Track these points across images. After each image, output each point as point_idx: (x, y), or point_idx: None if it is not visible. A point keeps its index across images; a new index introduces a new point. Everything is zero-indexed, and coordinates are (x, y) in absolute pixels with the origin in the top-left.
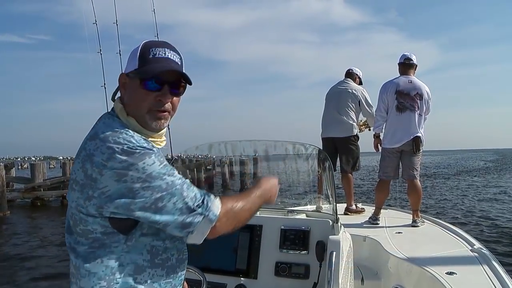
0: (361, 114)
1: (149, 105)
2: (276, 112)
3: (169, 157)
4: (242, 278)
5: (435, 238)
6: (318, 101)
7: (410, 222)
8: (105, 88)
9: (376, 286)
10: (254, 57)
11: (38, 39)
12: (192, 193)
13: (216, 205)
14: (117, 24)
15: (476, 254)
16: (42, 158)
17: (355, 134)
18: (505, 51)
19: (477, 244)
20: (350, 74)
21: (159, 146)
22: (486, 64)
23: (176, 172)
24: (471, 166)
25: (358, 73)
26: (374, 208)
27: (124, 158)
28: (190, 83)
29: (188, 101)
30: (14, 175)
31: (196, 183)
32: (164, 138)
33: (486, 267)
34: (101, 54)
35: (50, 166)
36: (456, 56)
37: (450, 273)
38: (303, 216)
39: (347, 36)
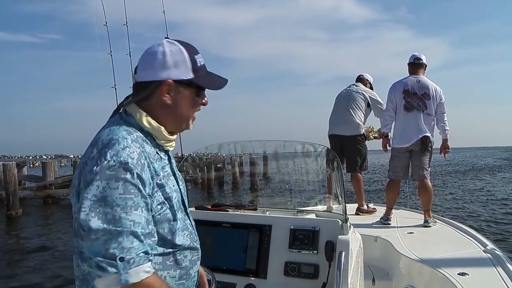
0: (368, 119)
1: (197, 109)
2: (284, 110)
3: (179, 155)
4: (251, 278)
5: (447, 239)
6: (328, 98)
7: (421, 222)
8: (115, 89)
9: (388, 286)
10: (263, 55)
11: (49, 38)
12: (130, 244)
13: (138, 273)
14: (127, 26)
15: (489, 255)
16: (53, 157)
17: (362, 133)
18: None
19: (490, 245)
20: (360, 79)
21: (171, 148)
22: (498, 61)
23: (135, 213)
24: (482, 164)
25: (368, 79)
26: (385, 208)
27: (95, 170)
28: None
29: None
30: (26, 174)
31: (206, 181)
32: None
33: (499, 268)
34: (111, 56)
35: (61, 164)
36: (467, 53)
37: (462, 274)
38: (312, 216)
39: (357, 34)
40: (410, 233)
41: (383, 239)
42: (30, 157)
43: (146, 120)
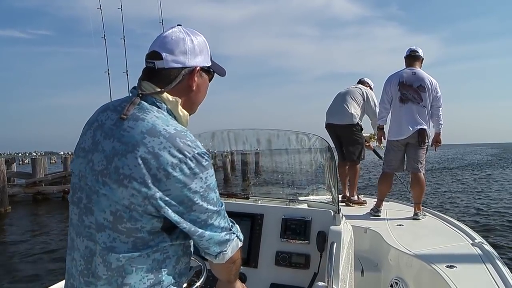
0: (367, 128)
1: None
2: (277, 107)
3: None
4: (242, 267)
5: (436, 231)
6: (320, 94)
7: (411, 215)
8: (108, 74)
9: (376, 278)
10: (255, 52)
11: (39, 34)
12: (225, 214)
13: (240, 231)
14: (121, 10)
15: (476, 248)
16: (43, 153)
17: (356, 123)
18: (508, 45)
19: (478, 238)
20: (362, 82)
21: None
22: (488, 58)
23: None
24: (472, 160)
25: (369, 82)
26: (375, 200)
27: (193, 165)
28: None
29: None
30: (15, 170)
31: None
32: None
33: (486, 261)
34: (105, 39)
35: (51, 161)
36: (458, 50)
37: (451, 267)
38: (304, 206)
39: (348, 30)
40: (400, 225)
41: (373, 230)
42: (20, 154)
43: (180, 109)
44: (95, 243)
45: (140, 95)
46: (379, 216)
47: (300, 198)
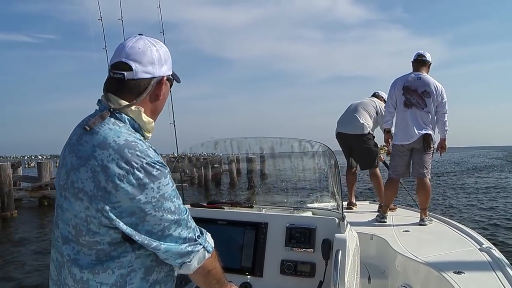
0: (378, 141)
1: None
2: (281, 109)
3: (175, 155)
4: (247, 276)
5: (443, 237)
6: (323, 98)
7: (417, 220)
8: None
9: (383, 285)
10: (259, 55)
11: (44, 38)
12: (193, 223)
13: (211, 238)
14: (122, 20)
15: (484, 253)
16: (48, 157)
17: (367, 132)
18: (509, 47)
19: (486, 243)
20: (376, 96)
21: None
22: (492, 60)
23: (179, 199)
24: (478, 164)
25: (384, 96)
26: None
27: (142, 176)
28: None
29: (193, 99)
30: (21, 174)
31: (204, 181)
32: None
33: (495, 267)
34: (106, 51)
35: (57, 165)
36: (462, 53)
37: (458, 273)
38: (309, 214)
39: (352, 33)
40: (406, 231)
41: (379, 237)
42: (25, 158)
43: (144, 116)
44: (61, 255)
45: (111, 109)
46: (385, 222)
47: (304, 206)
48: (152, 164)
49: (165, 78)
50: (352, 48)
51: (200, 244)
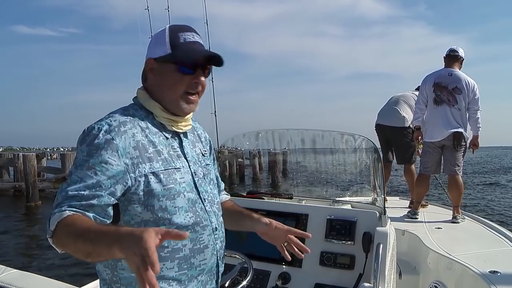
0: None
1: (185, 88)
2: (302, 105)
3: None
4: (286, 266)
5: (477, 235)
6: (345, 94)
7: (450, 218)
8: None
9: (415, 281)
10: (281, 50)
11: (68, 32)
12: (72, 192)
13: (58, 215)
14: (168, 10)
15: None
16: (70, 149)
17: (408, 126)
18: None
19: None
20: (419, 89)
21: (180, 130)
22: None
23: (86, 172)
24: (506, 164)
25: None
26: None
27: (80, 137)
28: (222, 65)
29: (215, 94)
30: (45, 165)
31: (228, 175)
32: (189, 122)
33: None
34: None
35: None
36: (487, 50)
37: (494, 272)
38: (348, 206)
39: (374, 30)
40: (438, 228)
41: (411, 233)
42: (48, 149)
43: (142, 94)
44: None
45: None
46: (416, 218)
47: (343, 199)
48: (90, 128)
49: (150, 60)
50: (375, 44)
51: (57, 210)
